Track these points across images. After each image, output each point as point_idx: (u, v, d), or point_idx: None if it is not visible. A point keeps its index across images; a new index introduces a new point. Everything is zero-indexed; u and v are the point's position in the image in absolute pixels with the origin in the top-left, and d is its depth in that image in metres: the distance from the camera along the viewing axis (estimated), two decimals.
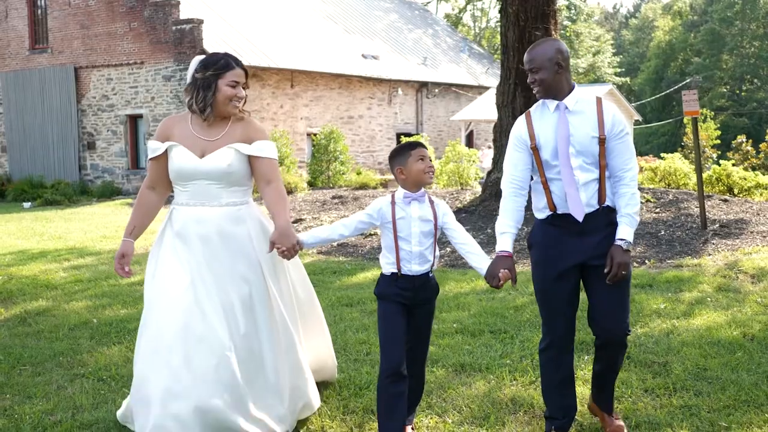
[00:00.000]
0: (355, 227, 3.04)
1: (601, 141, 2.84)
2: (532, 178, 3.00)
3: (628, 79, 45.09)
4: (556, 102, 2.89)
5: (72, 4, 19.28)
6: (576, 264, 2.88)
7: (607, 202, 2.89)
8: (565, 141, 2.85)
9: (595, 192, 2.86)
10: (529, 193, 3.02)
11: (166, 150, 3.09)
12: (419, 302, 2.96)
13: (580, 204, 2.84)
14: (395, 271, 2.94)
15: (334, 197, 12.77)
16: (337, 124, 19.63)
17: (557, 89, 2.87)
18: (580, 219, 2.84)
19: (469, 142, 24.67)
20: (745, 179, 11.88)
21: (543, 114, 2.94)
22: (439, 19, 32.75)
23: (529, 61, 2.89)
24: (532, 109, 3.01)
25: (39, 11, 20.13)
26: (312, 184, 16.02)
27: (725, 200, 9.54)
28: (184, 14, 17.74)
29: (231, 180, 3.06)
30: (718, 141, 25.04)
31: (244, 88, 3.09)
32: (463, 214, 9.25)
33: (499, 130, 9.57)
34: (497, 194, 9.32)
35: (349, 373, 3.87)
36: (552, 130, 2.88)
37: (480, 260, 2.95)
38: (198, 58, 3.13)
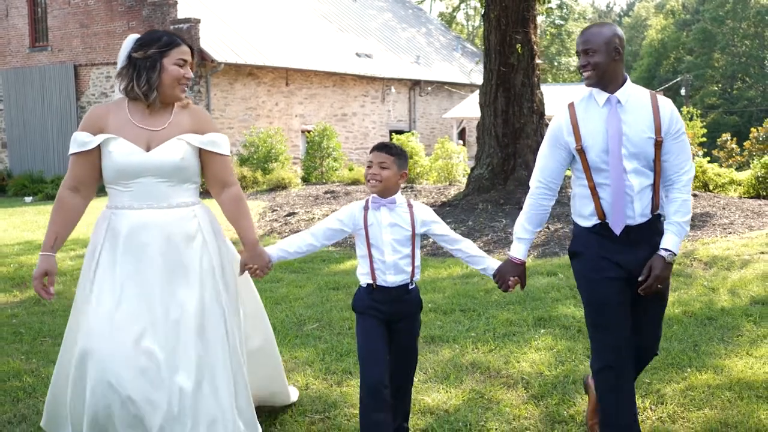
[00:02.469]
0: (324, 234, 2.82)
1: (657, 144, 2.56)
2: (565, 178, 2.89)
3: None
4: (606, 95, 2.59)
5: (72, 3, 19.73)
6: (626, 275, 2.61)
7: (660, 210, 2.65)
8: (618, 140, 2.54)
9: (649, 200, 2.60)
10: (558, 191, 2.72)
11: (99, 144, 2.65)
12: (398, 317, 2.77)
13: (623, 215, 2.58)
14: (370, 282, 2.76)
15: (326, 192, 13.30)
16: (331, 122, 20.13)
17: (611, 78, 2.58)
18: (618, 232, 2.59)
19: (462, 139, 25.17)
20: (719, 175, 12.43)
21: (589, 108, 2.63)
22: (432, 18, 33.24)
23: (583, 42, 2.59)
24: (576, 102, 2.68)
25: (39, 10, 20.56)
26: (306, 180, 16.51)
27: (695, 195, 10.11)
28: (181, 13, 18.21)
29: (182, 176, 2.68)
30: (704, 139, 25.56)
31: (190, 69, 2.72)
32: (447, 207, 9.78)
33: (482, 129, 10.11)
34: (479, 189, 9.87)
35: (332, 344, 4.40)
36: (601, 127, 2.58)
37: (484, 262, 2.85)
38: (132, 37, 2.72)
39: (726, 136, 24.70)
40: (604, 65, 2.56)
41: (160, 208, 2.66)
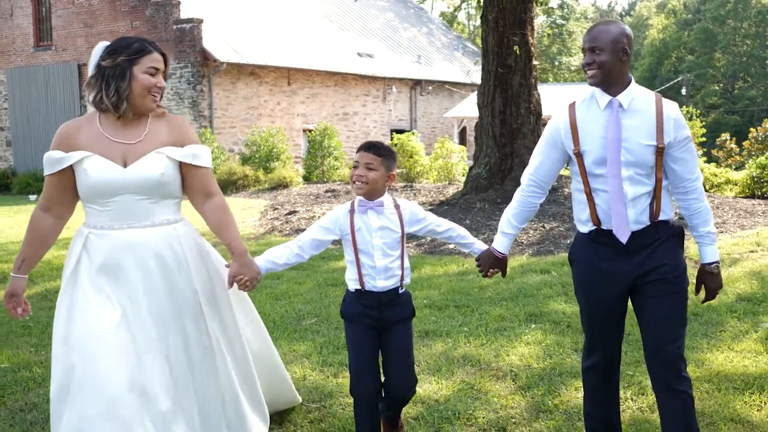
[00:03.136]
0: (311, 245, 2.72)
1: (659, 150, 2.46)
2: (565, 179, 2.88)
3: None
4: (608, 97, 2.49)
5: (75, 2, 19.92)
6: (624, 288, 2.57)
7: (661, 217, 2.53)
8: (617, 147, 2.46)
9: (646, 207, 2.50)
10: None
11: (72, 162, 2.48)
12: (389, 323, 2.71)
13: (627, 223, 2.50)
14: (359, 287, 2.70)
15: (327, 191, 13.47)
16: (332, 121, 20.30)
17: (615, 79, 2.48)
18: (624, 240, 2.51)
19: (462, 138, 25.33)
20: (715, 175, 12.57)
21: (590, 111, 2.54)
22: (434, 17, 33.39)
23: (590, 40, 2.49)
24: (577, 103, 2.59)
25: (43, 9, 20.76)
26: (307, 179, 16.68)
27: None
28: (184, 14, 18.38)
29: (164, 192, 2.54)
30: (704, 138, 25.73)
31: (163, 78, 2.56)
32: (445, 206, 9.95)
33: (480, 129, 10.29)
34: (477, 188, 10.03)
35: (329, 337, 4.57)
36: (600, 132, 2.49)
37: (472, 245, 2.86)
38: (102, 45, 2.57)
39: (725, 135, 24.82)
40: (610, 64, 2.45)
41: (143, 227, 2.52)
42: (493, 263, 2.79)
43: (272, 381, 3.08)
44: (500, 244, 2.78)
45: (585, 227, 2.61)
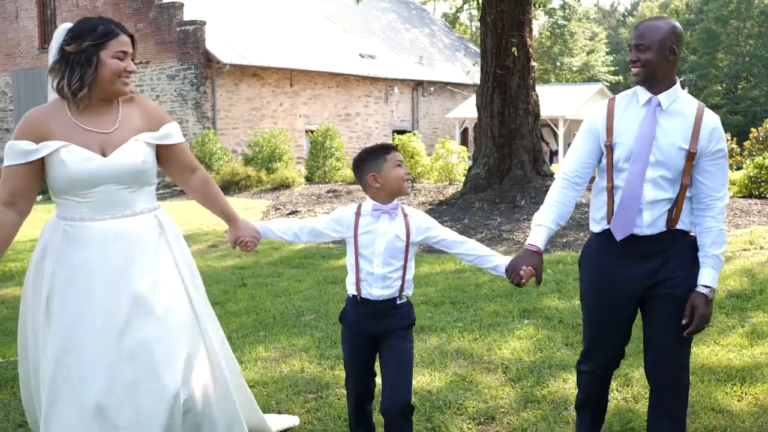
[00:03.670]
0: (311, 232, 2.71)
1: (690, 156, 2.40)
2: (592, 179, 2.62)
3: (621, 77, 45.84)
4: (648, 95, 2.44)
5: (80, 5, 20.11)
6: (633, 294, 2.50)
7: (679, 226, 2.46)
8: (648, 144, 2.41)
9: (664, 213, 2.43)
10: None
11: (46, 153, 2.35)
12: (384, 332, 2.63)
13: (628, 223, 2.44)
14: (355, 293, 2.65)
15: (329, 191, 13.61)
16: (334, 122, 20.45)
17: (659, 79, 2.42)
18: (618, 239, 2.46)
19: (464, 139, 25.45)
20: None
21: (629, 106, 2.50)
22: (436, 18, 33.53)
23: (638, 36, 2.43)
24: (618, 97, 2.57)
25: (48, 12, 20.98)
26: (309, 179, 16.82)
27: None
28: (187, 16, 18.56)
29: (143, 180, 2.47)
30: None
31: (132, 60, 2.44)
32: (444, 206, 10.08)
33: (479, 130, 10.42)
34: (476, 188, 10.17)
35: (327, 332, 4.70)
36: (635, 128, 2.44)
37: (493, 260, 2.64)
38: (64, 27, 2.42)
39: (726, 135, 24.93)
40: (655, 63, 2.39)
41: (125, 216, 2.43)
42: (527, 259, 2.52)
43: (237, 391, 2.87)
44: (535, 236, 2.56)
45: (598, 226, 2.55)
